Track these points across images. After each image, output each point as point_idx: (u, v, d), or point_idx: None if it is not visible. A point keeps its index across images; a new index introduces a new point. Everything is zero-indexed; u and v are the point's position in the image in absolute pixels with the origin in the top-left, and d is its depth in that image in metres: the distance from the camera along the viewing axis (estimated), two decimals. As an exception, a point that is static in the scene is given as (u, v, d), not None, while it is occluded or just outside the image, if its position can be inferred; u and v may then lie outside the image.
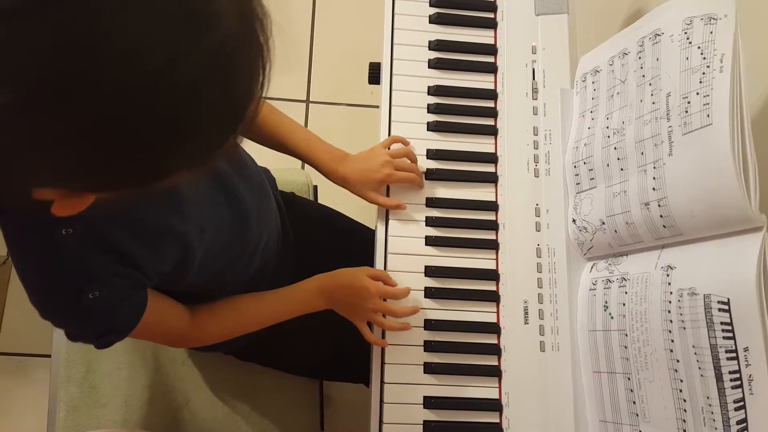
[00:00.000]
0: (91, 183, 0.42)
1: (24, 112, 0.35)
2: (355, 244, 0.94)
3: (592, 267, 0.82)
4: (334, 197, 1.03)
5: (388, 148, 0.88)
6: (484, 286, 0.84)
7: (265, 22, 0.43)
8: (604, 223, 0.79)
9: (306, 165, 1.73)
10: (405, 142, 0.88)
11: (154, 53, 0.36)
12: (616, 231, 0.78)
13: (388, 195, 0.87)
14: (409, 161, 0.87)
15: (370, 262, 0.85)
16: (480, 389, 0.80)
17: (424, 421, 0.78)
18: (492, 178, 0.87)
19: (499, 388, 0.80)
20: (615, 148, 0.78)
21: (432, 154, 0.88)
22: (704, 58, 0.68)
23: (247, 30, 0.42)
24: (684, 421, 0.66)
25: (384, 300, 0.81)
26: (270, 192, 0.90)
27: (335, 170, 0.86)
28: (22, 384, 1.47)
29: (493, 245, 0.85)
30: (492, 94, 0.91)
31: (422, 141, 0.89)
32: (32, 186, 0.41)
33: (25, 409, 1.45)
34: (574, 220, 0.84)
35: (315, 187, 1.17)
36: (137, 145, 0.39)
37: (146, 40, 0.36)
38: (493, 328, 0.82)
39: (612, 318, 0.76)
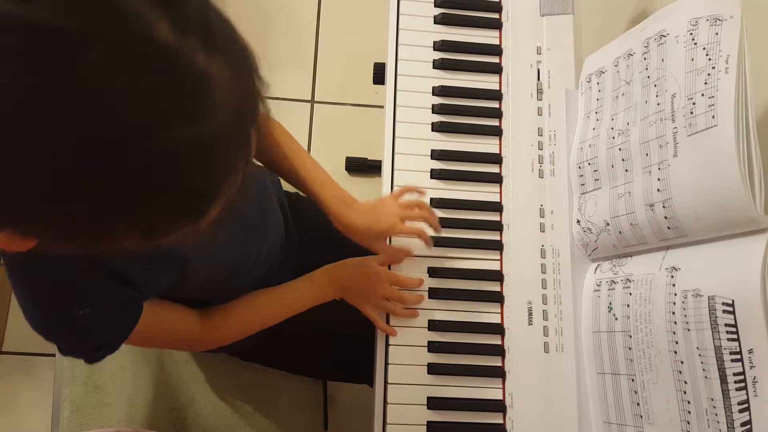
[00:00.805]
0: (40, 234, 0.41)
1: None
2: (358, 246, 0.94)
3: (596, 268, 0.82)
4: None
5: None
6: (488, 286, 0.84)
7: (258, 121, 0.43)
8: (608, 224, 0.79)
9: (310, 165, 1.73)
10: (420, 191, 0.85)
11: (130, 124, 0.35)
12: (620, 232, 0.77)
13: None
14: (420, 211, 0.83)
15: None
16: (484, 390, 0.80)
17: (428, 421, 0.78)
18: (496, 179, 0.87)
19: (503, 389, 0.80)
20: (620, 149, 0.78)
21: (436, 155, 0.88)
22: (709, 59, 0.68)
23: (236, 129, 0.41)
24: (688, 422, 0.66)
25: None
26: (274, 199, 0.90)
27: (342, 215, 0.82)
28: (26, 383, 1.48)
29: (497, 246, 0.85)
30: (496, 95, 0.91)
31: (427, 141, 0.89)
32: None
33: (29, 408, 1.46)
34: (578, 221, 0.83)
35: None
36: (88, 207, 0.38)
37: (127, 110, 0.35)
38: (497, 329, 0.82)
39: (616, 319, 0.76)
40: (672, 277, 0.69)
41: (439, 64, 0.91)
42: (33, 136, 0.34)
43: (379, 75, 0.97)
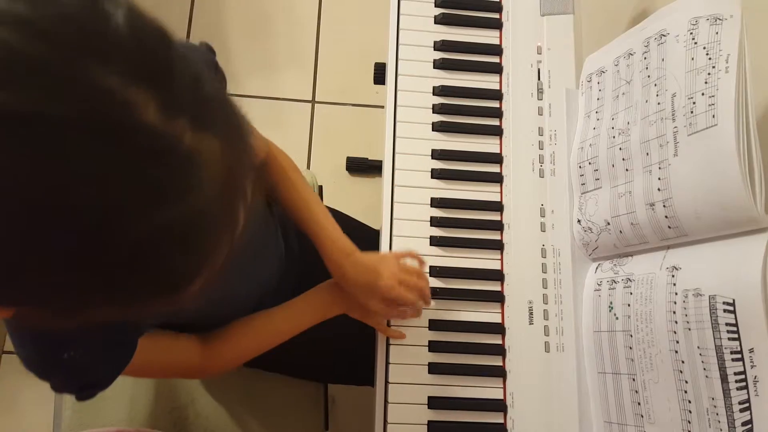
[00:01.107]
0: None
1: None
2: (360, 245, 0.94)
3: (597, 267, 0.82)
4: (338, 198, 1.04)
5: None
6: (488, 286, 0.84)
7: (249, 195, 0.42)
8: (609, 223, 0.79)
9: (311, 165, 1.74)
10: (420, 260, 0.84)
11: (94, 214, 0.34)
12: (621, 231, 0.78)
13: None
14: (417, 280, 0.81)
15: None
16: (484, 390, 0.80)
17: (429, 421, 0.78)
18: (497, 179, 0.87)
19: (504, 388, 0.80)
20: (620, 149, 0.78)
21: (437, 155, 0.88)
22: (710, 59, 0.68)
23: (221, 207, 0.39)
24: (689, 422, 0.66)
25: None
26: (275, 229, 0.88)
27: (338, 263, 0.80)
28: (28, 383, 1.47)
29: (497, 245, 0.85)
30: (497, 95, 0.91)
31: (427, 141, 0.89)
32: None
33: (31, 408, 1.46)
34: (579, 221, 0.83)
35: (320, 188, 1.18)
36: (63, 283, 0.37)
37: (92, 198, 0.34)
38: (498, 329, 0.82)
39: (617, 319, 0.76)
40: (673, 276, 0.69)
41: (439, 64, 0.91)
42: (8, 217, 0.33)
43: (379, 75, 0.97)
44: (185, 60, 0.37)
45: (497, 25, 0.93)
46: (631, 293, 0.74)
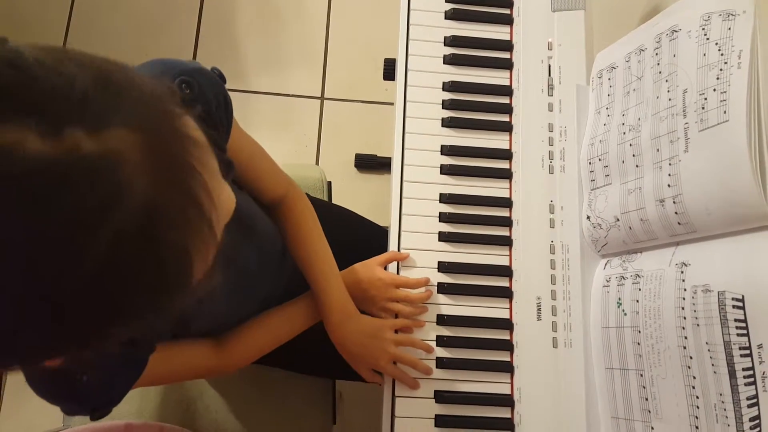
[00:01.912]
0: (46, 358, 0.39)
1: None
2: (368, 243, 0.94)
3: (605, 264, 0.82)
4: (347, 195, 1.04)
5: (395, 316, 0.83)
6: (497, 282, 0.84)
7: (200, 169, 0.38)
8: (618, 219, 0.79)
9: (320, 161, 1.74)
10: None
11: (49, 257, 0.32)
12: (630, 228, 0.77)
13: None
14: (411, 356, 0.81)
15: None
16: (492, 385, 0.80)
17: (436, 415, 0.79)
18: (506, 175, 0.87)
19: (511, 383, 0.80)
20: (630, 145, 0.78)
21: (446, 150, 0.88)
22: (722, 55, 0.67)
23: (167, 192, 0.36)
24: (697, 417, 0.66)
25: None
26: (280, 241, 0.87)
27: (336, 324, 0.81)
28: (38, 375, 1.49)
29: (506, 241, 0.85)
30: (507, 91, 0.91)
31: (436, 137, 0.89)
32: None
33: (41, 401, 1.47)
34: (588, 217, 0.83)
35: (329, 184, 1.18)
36: (74, 334, 0.36)
37: (38, 246, 0.32)
38: (506, 324, 0.82)
39: (625, 315, 0.76)
40: (682, 272, 0.69)
41: (449, 60, 0.91)
42: None
43: (389, 71, 0.97)
44: (43, 66, 0.33)
45: (508, 20, 0.93)
46: (639, 289, 0.74)
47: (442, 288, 0.83)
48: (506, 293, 0.83)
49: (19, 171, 0.31)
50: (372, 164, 1.70)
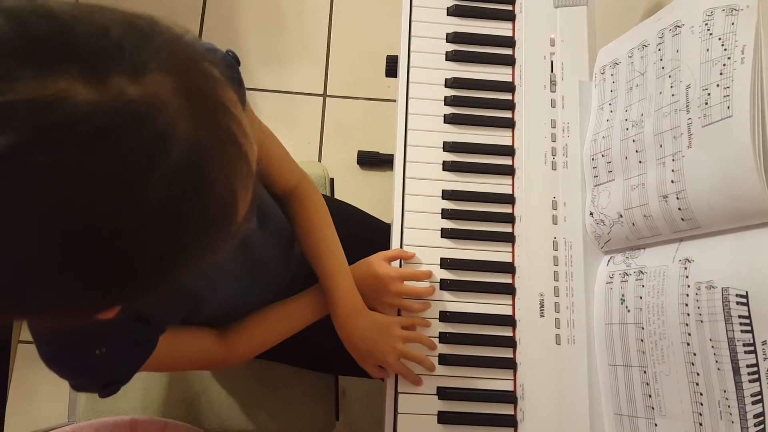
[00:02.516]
0: (104, 306, 0.40)
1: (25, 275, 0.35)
2: (371, 238, 0.94)
3: (609, 260, 0.82)
4: (349, 191, 1.04)
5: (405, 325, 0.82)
6: (500, 278, 0.84)
7: (230, 106, 0.39)
8: (621, 216, 0.79)
9: (322, 158, 1.74)
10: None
11: (108, 208, 0.34)
12: (633, 224, 0.77)
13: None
14: (418, 353, 0.80)
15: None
16: (495, 381, 0.80)
17: (439, 411, 0.79)
18: (509, 171, 0.87)
19: (514, 380, 0.80)
20: (633, 141, 0.78)
21: (449, 147, 0.88)
22: (725, 50, 0.67)
23: (207, 130, 0.37)
24: (700, 414, 0.65)
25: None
26: (289, 232, 0.88)
27: (345, 318, 0.80)
28: (43, 371, 1.49)
29: (509, 238, 0.85)
30: (510, 87, 0.90)
31: (439, 133, 0.89)
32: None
33: (46, 396, 1.48)
34: (591, 213, 0.83)
35: (332, 181, 1.18)
36: (130, 282, 0.38)
37: (100, 188, 0.33)
38: (509, 321, 0.82)
39: (629, 311, 0.76)
40: (685, 269, 0.69)
41: (452, 56, 0.91)
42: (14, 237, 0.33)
43: (391, 67, 0.97)
44: (77, 18, 0.35)
45: (510, 16, 0.93)
46: (643, 286, 0.74)
47: (445, 285, 0.83)
48: (509, 290, 0.83)
49: (73, 118, 0.32)
50: (374, 161, 1.69)
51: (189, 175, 0.36)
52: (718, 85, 0.67)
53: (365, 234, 1.03)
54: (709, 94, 0.68)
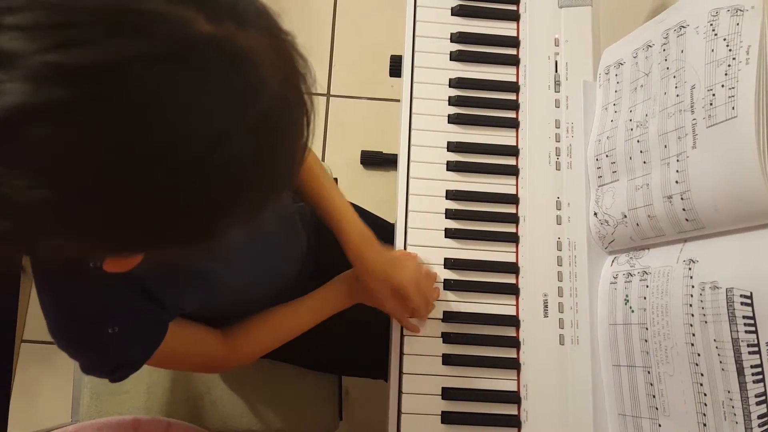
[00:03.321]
0: (141, 249, 0.42)
1: (67, 205, 0.35)
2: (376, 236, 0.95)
3: (613, 260, 0.82)
4: (353, 191, 1.04)
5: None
6: (503, 278, 0.84)
7: (307, 77, 0.43)
8: (625, 216, 0.79)
9: (326, 158, 1.74)
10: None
11: (199, 133, 0.36)
12: (638, 224, 0.77)
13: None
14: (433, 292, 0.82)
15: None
16: (498, 381, 0.80)
17: (443, 411, 0.79)
18: (513, 171, 0.87)
19: (518, 380, 0.80)
20: (638, 141, 0.78)
21: (453, 147, 0.88)
22: (730, 50, 0.67)
23: (290, 92, 0.41)
24: (704, 415, 0.65)
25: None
26: (297, 218, 0.89)
27: (360, 250, 0.79)
28: (47, 371, 1.50)
29: (513, 238, 0.85)
30: (514, 87, 0.90)
31: (443, 133, 0.89)
32: (76, 254, 0.41)
33: (50, 396, 1.48)
34: (595, 214, 0.83)
35: (335, 180, 1.18)
36: (186, 219, 0.39)
37: (191, 122, 0.35)
38: (513, 321, 0.82)
39: (632, 311, 0.76)
40: (689, 269, 0.69)
41: (456, 56, 0.91)
42: (104, 160, 0.34)
43: (395, 67, 0.97)
44: None
45: (515, 16, 0.93)
46: (647, 286, 0.74)
47: (449, 285, 0.83)
48: (513, 290, 0.83)
49: (192, 41, 0.35)
50: (378, 161, 1.69)
51: (272, 127, 0.39)
52: (722, 86, 0.67)
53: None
54: (713, 95, 0.68)
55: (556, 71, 0.89)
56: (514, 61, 0.91)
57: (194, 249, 0.42)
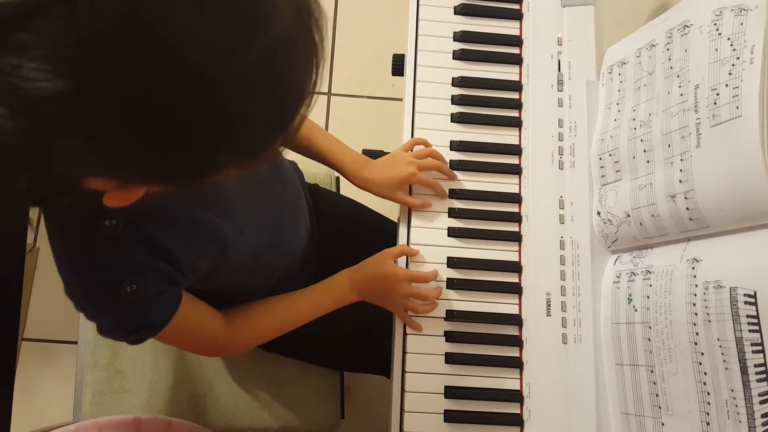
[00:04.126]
0: (143, 174, 0.42)
1: (78, 100, 0.35)
2: (377, 236, 0.95)
3: (616, 260, 0.82)
4: (355, 190, 1.04)
5: (411, 151, 0.88)
6: (506, 277, 0.84)
7: (320, 21, 0.44)
8: (629, 215, 0.79)
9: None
10: (426, 144, 0.87)
11: (209, 46, 0.37)
12: (641, 224, 0.77)
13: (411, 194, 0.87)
14: (434, 160, 0.86)
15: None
16: (501, 380, 0.80)
17: (446, 410, 0.79)
18: (516, 170, 0.87)
19: (521, 379, 0.80)
20: (641, 140, 0.78)
21: (456, 146, 0.88)
22: (734, 50, 0.67)
23: (302, 28, 0.42)
24: (707, 413, 0.65)
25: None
26: (302, 192, 0.91)
27: (360, 173, 0.87)
28: (48, 369, 1.50)
29: (516, 237, 0.85)
30: (517, 86, 0.90)
31: (446, 132, 0.89)
32: (83, 175, 0.41)
33: (51, 394, 1.48)
34: (598, 213, 0.83)
35: (337, 179, 1.18)
36: (188, 135, 0.39)
37: (202, 33, 0.37)
38: (515, 320, 0.82)
39: (636, 310, 0.76)
40: (693, 268, 0.69)
41: (459, 55, 0.91)
42: (117, 80, 0.35)
43: (398, 66, 0.97)
44: None
45: (518, 15, 0.93)
46: (650, 285, 0.74)
47: (452, 284, 0.83)
48: (515, 289, 0.83)
49: None
50: (379, 160, 1.69)
51: (281, 57, 0.40)
52: (726, 85, 0.67)
53: (372, 228, 1.04)
54: (717, 94, 0.68)
55: (559, 70, 0.89)
56: (517, 60, 0.91)
57: (195, 186, 0.43)
